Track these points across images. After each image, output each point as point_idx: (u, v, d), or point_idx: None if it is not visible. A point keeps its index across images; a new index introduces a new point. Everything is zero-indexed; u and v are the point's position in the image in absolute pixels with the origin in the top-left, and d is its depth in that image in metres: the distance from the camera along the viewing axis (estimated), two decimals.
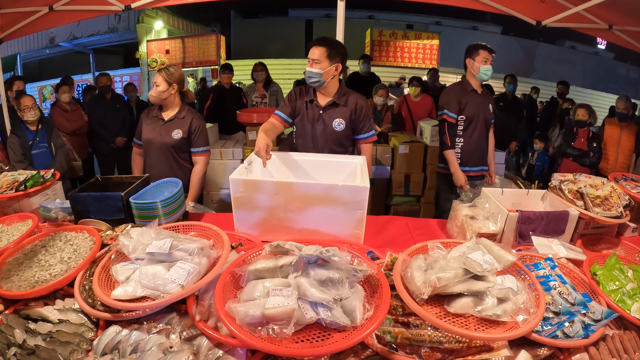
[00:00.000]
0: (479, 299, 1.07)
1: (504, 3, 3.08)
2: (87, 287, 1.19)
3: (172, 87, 2.24)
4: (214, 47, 7.03)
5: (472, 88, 2.63)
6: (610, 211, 1.59)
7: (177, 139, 2.27)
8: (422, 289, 1.05)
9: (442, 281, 1.06)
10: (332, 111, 2.08)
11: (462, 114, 2.61)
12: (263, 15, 14.77)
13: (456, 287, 1.08)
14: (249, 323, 0.96)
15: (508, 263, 1.16)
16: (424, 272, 1.12)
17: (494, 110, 2.74)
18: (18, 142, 3.10)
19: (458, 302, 1.07)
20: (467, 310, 1.06)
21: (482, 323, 1.05)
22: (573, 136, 3.95)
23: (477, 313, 1.05)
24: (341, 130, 2.08)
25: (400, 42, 8.42)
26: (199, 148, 2.34)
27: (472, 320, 1.06)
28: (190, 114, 2.32)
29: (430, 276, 1.08)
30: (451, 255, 1.20)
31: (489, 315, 1.04)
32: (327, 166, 1.90)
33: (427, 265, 1.16)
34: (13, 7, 3.11)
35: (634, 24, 3.01)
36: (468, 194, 1.92)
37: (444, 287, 1.07)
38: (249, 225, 1.60)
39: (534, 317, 1.02)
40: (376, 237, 1.74)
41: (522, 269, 1.20)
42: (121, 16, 9.11)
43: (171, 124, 2.29)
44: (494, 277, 1.12)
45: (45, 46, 9.98)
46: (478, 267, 1.10)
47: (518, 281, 1.13)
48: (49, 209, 1.75)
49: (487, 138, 2.74)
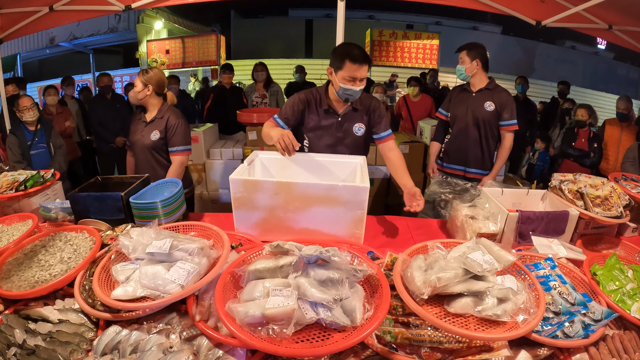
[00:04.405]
0: (478, 299, 1.07)
1: (504, 3, 3.08)
2: (87, 287, 1.19)
3: (147, 89, 2.26)
4: (214, 47, 7.03)
5: (465, 87, 2.61)
6: (610, 211, 1.59)
7: (155, 140, 2.28)
8: (422, 289, 1.06)
9: (442, 281, 1.06)
10: (351, 117, 2.00)
11: (449, 112, 2.70)
12: (263, 15, 14.78)
13: (456, 287, 1.08)
14: (249, 323, 0.96)
15: (508, 263, 1.16)
16: (424, 272, 1.12)
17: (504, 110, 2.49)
18: (17, 142, 3.10)
19: (458, 302, 1.07)
20: (467, 310, 1.06)
21: (482, 323, 1.05)
22: (574, 136, 3.95)
23: (477, 313, 1.05)
24: (362, 134, 2.02)
25: (400, 42, 8.42)
26: (174, 147, 2.30)
27: (472, 320, 1.06)
28: (167, 113, 2.30)
29: (430, 276, 1.08)
30: (451, 255, 1.20)
31: (489, 315, 1.04)
32: (327, 166, 1.90)
33: (427, 265, 1.16)
34: (13, 7, 3.11)
35: (634, 24, 3.01)
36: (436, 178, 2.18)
37: (444, 287, 1.07)
38: (249, 225, 1.60)
39: (534, 317, 1.02)
40: (376, 237, 1.74)
41: (522, 269, 1.20)
42: (121, 16, 9.12)
43: (152, 125, 2.31)
44: (494, 277, 1.11)
45: (45, 46, 9.98)
46: (478, 267, 1.10)
47: (518, 281, 1.12)
48: (49, 209, 1.75)
49: (488, 139, 2.57)
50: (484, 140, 2.58)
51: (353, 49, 1.79)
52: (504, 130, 2.53)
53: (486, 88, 2.53)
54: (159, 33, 8.56)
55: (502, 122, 2.51)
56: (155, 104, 2.32)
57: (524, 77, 4.91)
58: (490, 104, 2.50)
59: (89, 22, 8.95)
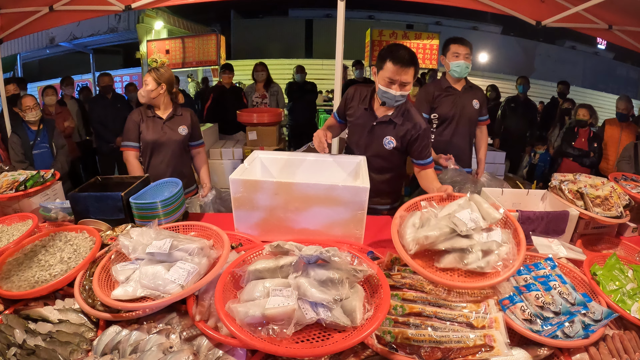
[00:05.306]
0: (464, 254, 1.20)
1: (504, 3, 3.07)
2: (87, 287, 1.19)
3: (160, 87, 2.27)
4: (214, 47, 7.01)
5: (449, 85, 2.52)
6: (610, 211, 1.59)
7: (184, 134, 2.37)
8: (411, 246, 1.21)
9: (429, 239, 1.20)
10: (385, 126, 1.89)
11: (435, 113, 2.53)
12: (263, 15, 14.76)
13: (442, 244, 1.21)
14: (249, 323, 0.96)
15: (494, 220, 1.28)
16: (415, 230, 1.26)
17: (483, 106, 2.59)
18: (19, 142, 3.11)
19: (446, 258, 1.21)
20: (454, 265, 1.19)
21: (468, 276, 1.18)
22: (574, 136, 3.95)
23: (463, 266, 1.18)
24: (390, 148, 1.90)
25: (400, 42, 8.41)
26: (199, 140, 2.50)
27: (459, 273, 1.20)
28: (186, 111, 2.43)
29: (419, 234, 1.22)
30: (442, 213, 1.33)
31: (474, 268, 1.16)
32: (328, 166, 1.89)
33: (421, 223, 1.30)
34: (13, 7, 3.11)
35: (634, 24, 3.01)
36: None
37: (431, 245, 1.21)
38: (249, 225, 1.60)
39: (513, 266, 1.16)
40: (376, 237, 1.73)
41: (509, 219, 1.33)
42: (121, 16, 9.11)
43: (173, 122, 2.34)
44: (479, 234, 1.24)
45: (45, 46, 9.96)
46: (463, 226, 1.22)
47: (503, 233, 1.25)
48: (49, 209, 1.75)
49: (471, 136, 2.61)
50: (470, 137, 2.63)
51: (398, 49, 1.71)
52: (482, 124, 2.65)
53: (469, 86, 2.56)
54: (159, 33, 8.54)
55: (481, 118, 2.62)
56: (167, 102, 2.35)
57: (525, 77, 4.91)
58: (476, 102, 2.55)
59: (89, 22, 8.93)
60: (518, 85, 4.90)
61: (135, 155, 2.34)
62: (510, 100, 5.01)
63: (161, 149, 2.33)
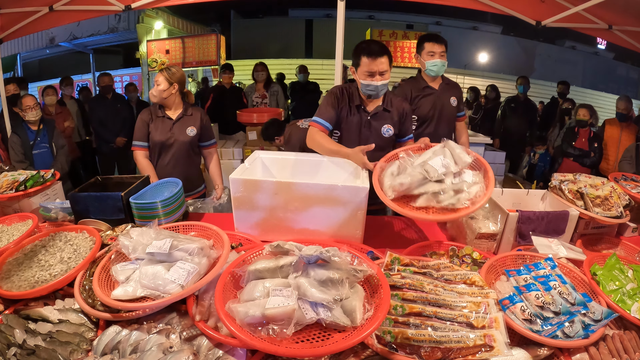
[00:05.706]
0: (437, 194, 1.38)
1: (504, 3, 3.07)
2: (87, 287, 1.19)
3: (172, 87, 2.26)
4: (214, 47, 7.01)
5: (426, 84, 2.44)
6: (610, 211, 1.59)
7: (192, 135, 2.36)
8: (389, 192, 1.42)
9: (404, 186, 1.40)
10: (381, 117, 1.95)
11: (414, 114, 2.39)
12: (263, 15, 14.76)
13: (416, 189, 1.41)
14: (249, 323, 0.96)
15: (465, 164, 1.44)
16: (392, 178, 1.45)
17: (460, 102, 2.53)
18: (19, 141, 3.10)
19: (421, 198, 1.41)
20: (428, 203, 1.39)
21: (442, 212, 1.38)
22: (574, 136, 3.95)
23: (436, 204, 1.38)
24: (389, 136, 1.97)
25: (400, 42, 8.40)
26: (211, 140, 2.49)
27: (433, 210, 1.40)
28: (197, 111, 2.42)
29: (395, 181, 1.42)
30: (417, 161, 1.49)
31: (446, 205, 1.36)
32: (328, 166, 1.89)
33: (398, 171, 1.48)
34: (13, 7, 3.11)
35: (634, 24, 3.01)
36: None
37: (406, 190, 1.41)
38: (249, 225, 1.60)
39: (479, 201, 1.35)
40: (376, 237, 1.73)
41: (479, 161, 1.50)
42: (121, 16, 9.10)
43: (182, 122, 2.33)
44: (450, 178, 1.40)
45: (45, 46, 9.97)
46: (434, 172, 1.40)
47: (475, 175, 1.42)
48: (49, 209, 1.75)
49: (450, 133, 2.54)
50: (450, 134, 2.55)
51: (368, 44, 1.82)
52: (461, 120, 2.62)
53: (446, 83, 2.49)
54: (159, 33, 8.54)
55: (459, 114, 2.59)
56: (178, 101, 2.35)
57: (525, 78, 4.91)
58: (454, 100, 2.50)
59: (89, 22, 8.93)
60: (518, 85, 4.90)
61: (144, 155, 2.31)
62: (510, 100, 5.02)
63: (169, 150, 2.32)
